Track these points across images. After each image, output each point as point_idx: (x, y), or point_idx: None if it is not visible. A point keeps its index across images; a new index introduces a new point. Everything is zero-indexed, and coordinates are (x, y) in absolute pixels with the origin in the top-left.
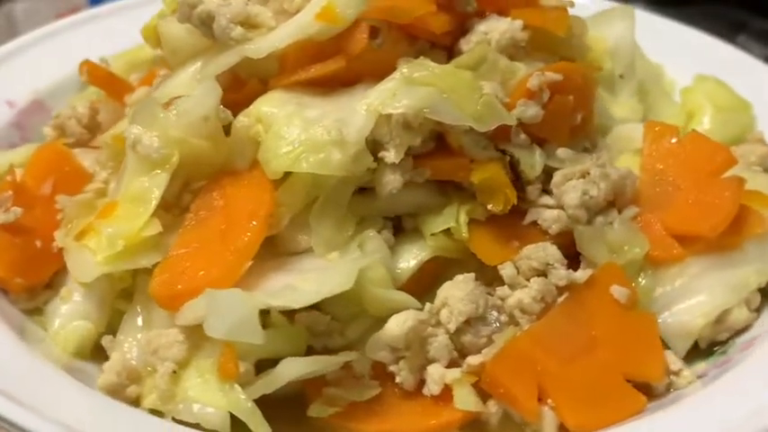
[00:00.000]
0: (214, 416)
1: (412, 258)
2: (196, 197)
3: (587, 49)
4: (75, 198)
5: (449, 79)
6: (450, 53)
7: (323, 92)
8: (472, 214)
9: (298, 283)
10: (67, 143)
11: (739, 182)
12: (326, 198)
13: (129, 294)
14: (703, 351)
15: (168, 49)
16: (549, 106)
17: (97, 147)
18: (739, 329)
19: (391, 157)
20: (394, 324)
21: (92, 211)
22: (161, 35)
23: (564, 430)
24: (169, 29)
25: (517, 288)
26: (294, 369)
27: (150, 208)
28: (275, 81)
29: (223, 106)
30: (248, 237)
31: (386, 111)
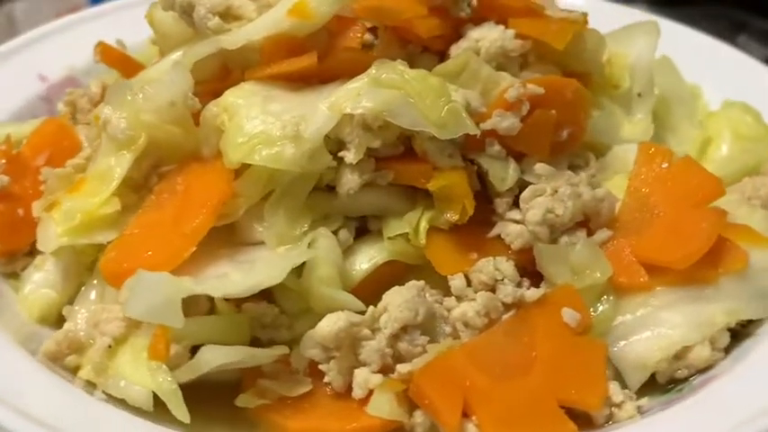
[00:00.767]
0: (138, 393)
1: (367, 260)
2: (161, 180)
3: (603, 65)
4: (56, 171)
5: (416, 84)
6: (442, 58)
7: (296, 87)
8: (434, 222)
9: (233, 272)
10: (78, 120)
11: (719, 214)
12: (283, 192)
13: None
14: (661, 387)
15: (159, 35)
16: (528, 119)
17: None
18: (701, 368)
19: (350, 157)
20: (325, 323)
21: (68, 185)
22: (153, 21)
23: None
24: (160, 15)
25: (464, 300)
26: (214, 357)
27: (111, 187)
28: (249, 73)
29: (210, 95)
30: (196, 223)
31: (346, 110)
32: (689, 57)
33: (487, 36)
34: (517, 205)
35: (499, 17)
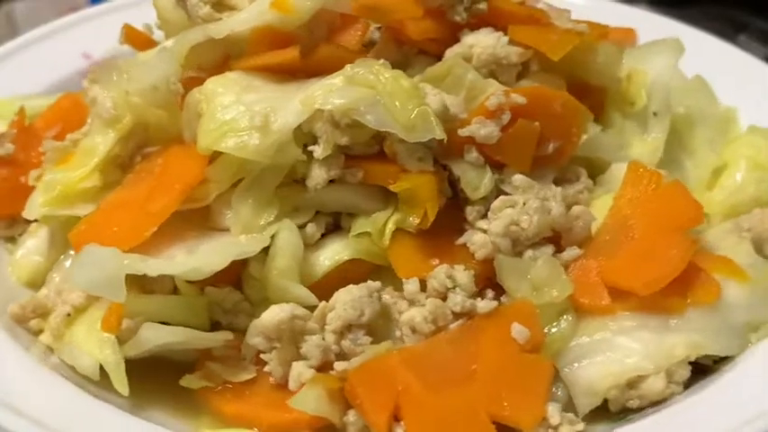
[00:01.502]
0: (87, 363)
1: (331, 256)
2: (144, 160)
3: (618, 79)
4: (55, 144)
5: (389, 85)
6: (439, 61)
7: (281, 80)
8: (400, 224)
9: (184, 255)
10: None
11: (692, 242)
12: (252, 181)
13: None
14: (615, 416)
15: (162, 21)
16: (509, 129)
17: None
18: (655, 400)
19: (318, 151)
20: (268, 313)
21: (63, 158)
22: (158, 6)
23: None
24: (163, 2)
25: (415, 305)
26: (155, 335)
27: (92, 163)
28: (235, 63)
29: None
30: (162, 203)
31: (316, 106)
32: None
33: (480, 42)
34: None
35: (500, 23)
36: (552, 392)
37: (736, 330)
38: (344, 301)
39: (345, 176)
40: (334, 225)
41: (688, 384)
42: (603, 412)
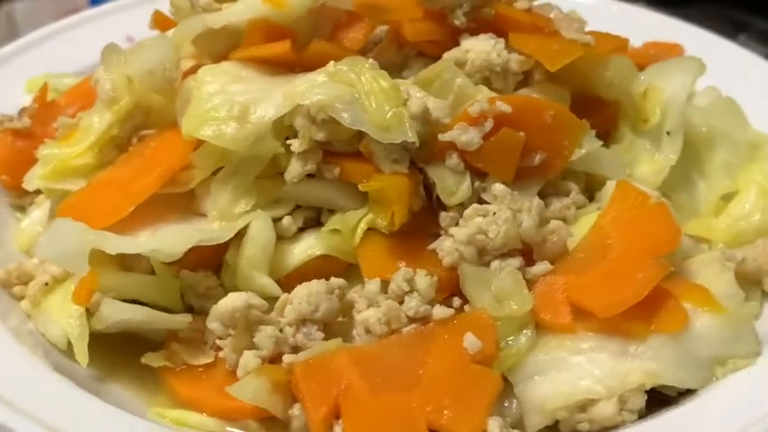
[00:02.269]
0: (55, 332)
1: (304, 251)
2: (139, 142)
3: (631, 95)
4: (66, 120)
5: (368, 84)
6: None
7: (274, 72)
8: (372, 224)
9: (150, 238)
10: None
11: (660, 268)
12: (232, 170)
13: None
14: None
15: (175, 8)
16: (492, 137)
17: None
18: (606, 426)
19: (295, 145)
20: (224, 301)
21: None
22: None
23: None
24: None
25: (373, 306)
26: (114, 311)
27: (87, 141)
28: (231, 53)
29: None
30: (142, 185)
31: (296, 100)
32: None
33: (476, 47)
34: None
35: (502, 30)
36: (505, 407)
37: (701, 363)
38: (301, 295)
39: (323, 172)
40: (316, 221)
41: (646, 414)
42: None
